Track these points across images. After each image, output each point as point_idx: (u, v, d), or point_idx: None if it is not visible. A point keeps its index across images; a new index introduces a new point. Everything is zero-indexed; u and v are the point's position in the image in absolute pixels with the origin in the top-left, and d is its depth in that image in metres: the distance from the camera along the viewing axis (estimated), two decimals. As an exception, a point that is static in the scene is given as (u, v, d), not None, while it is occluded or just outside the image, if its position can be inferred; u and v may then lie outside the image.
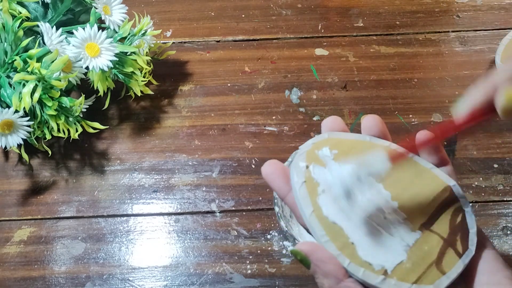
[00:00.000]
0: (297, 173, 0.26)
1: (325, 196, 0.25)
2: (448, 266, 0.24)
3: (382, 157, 0.25)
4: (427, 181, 0.27)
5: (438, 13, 0.57)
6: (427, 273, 0.24)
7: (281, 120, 0.50)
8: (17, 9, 0.44)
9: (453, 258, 0.25)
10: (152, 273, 0.43)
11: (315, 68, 0.53)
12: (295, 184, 0.26)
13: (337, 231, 0.24)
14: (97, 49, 0.42)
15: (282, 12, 0.58)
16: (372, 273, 0.24)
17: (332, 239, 0.24)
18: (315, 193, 0.25)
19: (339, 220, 0.25)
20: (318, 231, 0.24)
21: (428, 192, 0.26)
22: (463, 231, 0.25)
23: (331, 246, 0.24)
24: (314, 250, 0.24)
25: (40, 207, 0.46)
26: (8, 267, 0.43)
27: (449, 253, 0.25)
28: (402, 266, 0.24)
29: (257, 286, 0.42)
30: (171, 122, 0.50)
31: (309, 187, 0.25)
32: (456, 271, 0.24)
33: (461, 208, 0.26)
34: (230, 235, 0.44)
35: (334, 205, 0.25)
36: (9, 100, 0.41)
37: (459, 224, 0.26)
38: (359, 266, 0.24)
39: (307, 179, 0.26)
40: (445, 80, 0.52)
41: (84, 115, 0.49)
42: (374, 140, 0.28)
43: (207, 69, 0.53)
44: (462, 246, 0.25)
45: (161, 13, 0.58)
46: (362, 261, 0.24)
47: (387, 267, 0.24)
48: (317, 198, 0.25)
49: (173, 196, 0.46)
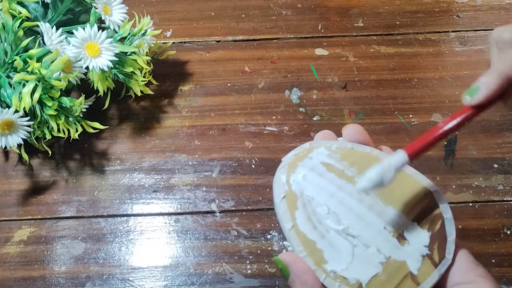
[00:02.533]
0: (278, 188, 0.27)
1: (300, 213, 0.26)
2: (423, 276, 0.25)
3: (401, 155, 0.25)
4: (408, 187, 0.27)
5: (438, 13, 0.57)
6: (401, 285, 0.24)
7: (281, 120, 0.50)
8: (17, 9, 0.44)
9: (429, 267, 0.25)
10: (152, 273, 0.43)
11: (315, 68, 0.53)
12: (276, 198, 0.26)
13: (313, 247, 0.25)
14: (97, 49, 0.42)
15: (282, 12, 0.58)
16: (347, 286, 0.24)
17: (310, 254, 0.25)
18: (294, 208, 0.26)
19: (313, 237, 0.25)
20: (297, 246, 0.25)
21: (408, 198, 0.26)
22: (441, 239, 0.25)
23: (309, 260, 0.25)
24: (295, 261, 0.25)
25: (40, 207, 0.46)
26: (8, 267, 0.43)
27: (425, 263, 0.25)
28: (377, 278, 0.24)
29: (257, 286, 0.42)
30: (171, 122, 0.50)
31: (289, 202, 0.26)
32: (431, 282, 0.25)
33: (441, 215, 0.26)
34: (230, 235, 0.44)
35: (309, 224, 0.26)
36: (9, 100, 0.41)
37: (437, 231, 0.26)
38: (334, 280, 0.24)
39: (287, 194, 0.26)
40: (445, 80, 0.52)
41: (84, 115, 0.49)
42: (356, 147, 0.28)
43: (207, 69, 0.53)
44: (439, 255, 0.25)
45: (161, 13, 0.58)
46: (338, 276, 0.24)
47: (362, 281, 0.24)
48: (295, 213, 0.26)
49: (173, 196, 0.46)
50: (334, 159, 0.27)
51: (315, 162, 0.27)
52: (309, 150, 0.27)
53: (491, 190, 0.45)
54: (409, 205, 0.26)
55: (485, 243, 0.43)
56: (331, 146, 0.28)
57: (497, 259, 0.42)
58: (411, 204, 0.26)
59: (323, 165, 0.27)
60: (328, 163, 0.27)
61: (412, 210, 0.26)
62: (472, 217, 0.44)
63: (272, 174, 0.47)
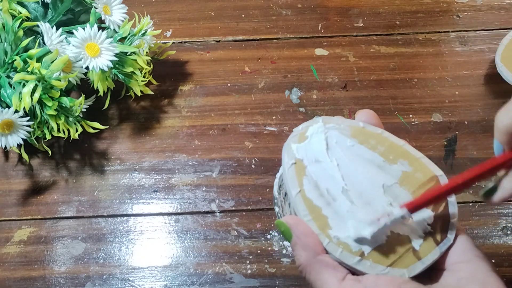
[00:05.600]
0: (287, 155, 0.27)
1: (308, 180, 0.26)
2: (425, 252, 0.25)
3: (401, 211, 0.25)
4: (416, 170, 0.28)
5: (438, 13, 0.57)
6: (403, 257, 0.25)
7: (281, 120, 0.50)
8: (17, 9, 0.44)
9: (430, 245, 0.25)
10: (152, 273, 0.43)
11: (315, 68, 0.53)
12: (285, 164, 0.27)
13: (318, 212, 0.25)
14: (97, 49, 0.42)
15: (282, 12, 0.58)
16: (349, 253, 0.24)
17: (314, 219, 0.25)
18: (302, 174, 0.26)
19: (319, 203, 0.26)
20: (302, 211, 0.25)
21: (415, 180, 0.27)
22: (444, 220, 0.26)
23: (312, 225, 0.25)
24: (297, 223, 0.25)
25: (40, 207, 0.46)
26: (8, 267, 0.43)
27: (427, 240, 0.25)
28: (380, 249, 0.25)
29: (257, 286, 0.42)
30: (171, 122, 0.50)
31: (298, 169, 0.27)
32: (432, 258, 0.25)
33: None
34: (230, 235, 0.44)
35: (315, 191, 0.26)
36: (9, 100, 0.41)
37: (441, 212, 0.26)
38: (337, 246, 0.25)
39: (297, 161, 0.27)
40: (445, 80, 0.52)
41: (84, 115, 0.49)
42: (367, 127, 0.29)
43: (207, 69, 0.53)
44: (441, 234, 0.26)
45: (161, 13, 0.58)
46: (341, 242, 0.25)
47: (364, 249, 0.25)
48: (303, 179, 0.26)
49: (173, 196, 0.46)
50: (345, 136, 0.28)
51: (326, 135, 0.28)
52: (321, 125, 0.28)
53: (491, 190, 0.45)
54: (415, 186, 0.27)
55: (485, 243, 0.43)
56: (342, 123, 0.28)
57: (497, 259, 0.42)
58: (417, 185, 0.27)
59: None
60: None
61: (418, 190, 0.27)
62: (472, 217, 0.44)
63: (272, 174, 0.47)
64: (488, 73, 0.52)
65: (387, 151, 0.28)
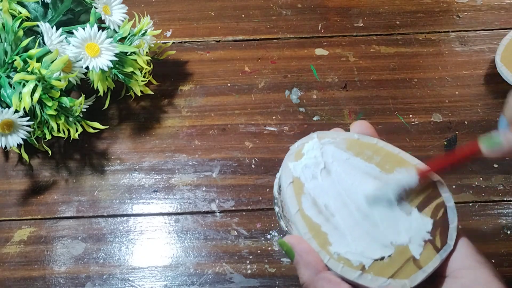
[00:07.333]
0: (285, 174, 0.28)
1: (306, 198, 0.27)
2: (425, 260, 0.25)
3: (411, 174, 0.26)
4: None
5: (438, 13, 0.57)
6: (403, 267, 0.25)
7: (281, 120, 0.50)
8: (17, 9, 0.44)
9: (431, 252, 0.25)
10: (152, 273, 0.43)
11: (315, 68, 0.53)
12: (283, 183, 0.27)
13: (318, 230, 0.26)
14: (97, 49, 0.42)
15: (282, 12, 0.58)
16: (350, 268, 0.25)
17: (314, 237, 0.26)
18: (300, 193, 0.27)
19: (318, 220, 0.26)
20: (302, 229, 0.26)
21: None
22: (443, 226, 0.26)
23: (313, 243, 0.25)
24: (299, 242, 0.26)
25: (40, 207, 0.46)
26: (8, 267, 0.43)
27: (427, 247, 0.26)
28: (380, 261, 0.25)
29: (257, 286, 0.42)
30: (171, 122, 0.50)
31: (296, 187, 0.27)
32: (433, 266, 0.25)
33: (443, 203, 0.27)
34: (230, 235, 0.44)
35: (314, 208, 0.26)
36: (9, 100, 0.41)
37: (440, 218, 0.26)
38: (338, 262, 0.25)
39: (294, 179, 0.27)
40: (445, 80, 0.52)
41: (84, 115, 0.49)
42: (362, 138, 0.29)
43: (207, 69, 0.53)
44: (441, 241, 0.26)
45: (161, 13, 0.58)
46: (341, 257, 0.25)
47: (364, 263, 0.25)
48: (302, 198, 0.27)
49: (173, 196, 0.46)
50: (340, 149, 0.28)
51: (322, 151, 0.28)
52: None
53: (491, 190, 0.45)
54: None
55: (485, 243, 0.43)
56: (338, 136, 0.29)
57: (497, 259, 0.42)
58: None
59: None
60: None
61: (415, 197, 0.27)
62: (472, 217, 0.44)
63: (272, 174, 0.47)
64: (488, 73, 0.52)
65: (383, 161, 0.28)
